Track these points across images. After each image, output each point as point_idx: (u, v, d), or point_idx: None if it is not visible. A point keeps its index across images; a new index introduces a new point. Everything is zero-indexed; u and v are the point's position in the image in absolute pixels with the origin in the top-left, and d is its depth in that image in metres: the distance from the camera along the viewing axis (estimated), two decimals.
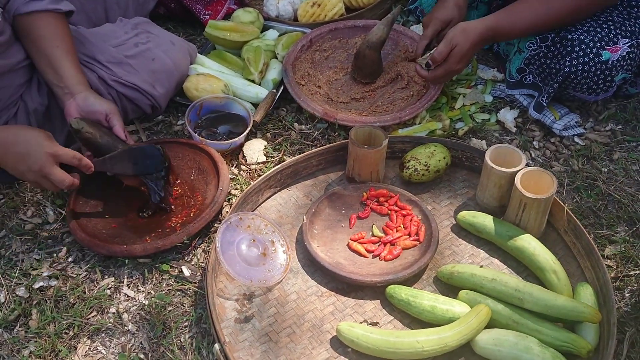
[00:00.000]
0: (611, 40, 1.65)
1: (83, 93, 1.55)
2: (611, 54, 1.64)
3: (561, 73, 1.67)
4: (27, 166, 1.40)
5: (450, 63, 1.69)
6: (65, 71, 1.56)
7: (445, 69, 1.70)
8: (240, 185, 1.66)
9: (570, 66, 1.65)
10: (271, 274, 1.42)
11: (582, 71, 1.65)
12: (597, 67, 1.64)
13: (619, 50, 1.64)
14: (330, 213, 1.55)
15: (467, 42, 1.66)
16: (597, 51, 1.64)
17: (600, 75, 1.66)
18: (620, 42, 1.65)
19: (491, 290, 1.33)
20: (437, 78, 1.74)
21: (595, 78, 1.66)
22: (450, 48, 1.67)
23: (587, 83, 1.68)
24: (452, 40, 1.66)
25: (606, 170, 1.68)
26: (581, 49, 1.64)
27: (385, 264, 1.45)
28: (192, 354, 1.32)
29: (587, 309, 1.26)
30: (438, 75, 1.72)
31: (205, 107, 1.77)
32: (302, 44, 1.99)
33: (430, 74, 1.73)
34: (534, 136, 1.79)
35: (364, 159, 1.57)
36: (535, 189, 1.43)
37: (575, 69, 1.65)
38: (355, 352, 1.30)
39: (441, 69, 1.71)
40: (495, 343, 1.25)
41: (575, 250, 1.46)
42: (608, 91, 1.72)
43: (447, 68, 1.70)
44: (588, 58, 1.64)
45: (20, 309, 1.40)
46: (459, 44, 1.66)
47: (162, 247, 1.46)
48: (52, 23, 1.57)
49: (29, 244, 1.54)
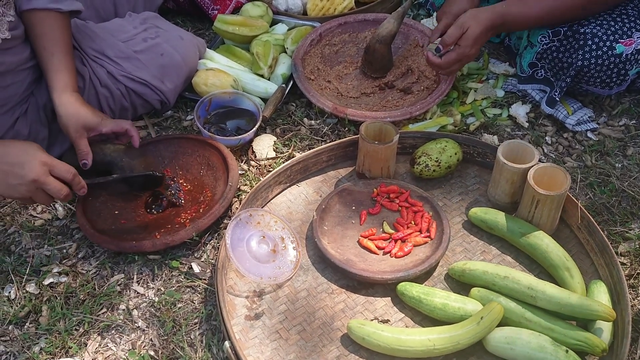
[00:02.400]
0: (625, 33, 1.62)
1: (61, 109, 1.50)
2: (625, 47, 1.61)
3: (574, 67, 1.65)
4: (19, 178, 1.30)
5: (463, 47, 1.65)
6: (47, 74, 1.53)
7: (458, 53, 1.66)
8: (249, 181, 1.65)
9: (583, 59, 1.63)
10: (281, 271, 1.41)
11: (596, 64, 1.63)
12: (611, 60, 1.62)
13: (633, 44, 1.62)
14: (340, 209, 1.54)
15: (479, 25, 1.63)
16: (610, 44, 1.61)
17: (614, 69, 1.64)
18: (634, 35, 1.62)
19: (503, 287, 1.32)
20: (450, 63, 1.69)
21: (608, 72, 1.64)
22: (461, 32, 1.64)
23: (600, 77, 1.65)
24: (464, 24, 1.63)
25: (620, 166, 1.66)
26: (594, 42, 1.62)
27: (396, 261, 1.44)
28: (202, 351, 1.31)
29: (601, 307, 1.24)
30: (451, 60, 1.68)
31: (214, 102, 1.76)
32: (311, 38, 1.97)
33: (443, 60, 1.68)
34: (547, 131, 1.77)
35: (375, 155, 1.56)
36: (548, 185, 1.41)
37: (588, 62, 1.63)
38: (366, 350, 1.29)
39: (454, 53, 1.66)
40: (507, 341, 1.24)
41: (589, 247, 1.44)
42: (622, 85, 1.70)
43: (460, 52, 1.66)
44: (601, 51, 1.61)
45: (31, 306, 1.40)
46: (471, 27, 1.63)
47: (171, 242, 1.45)
48: (49, 23, 1.54)
49: (38, 240, 1.54)
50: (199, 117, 1.72)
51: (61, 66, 1.53)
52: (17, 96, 1.58)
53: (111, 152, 1.55)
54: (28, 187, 1.32)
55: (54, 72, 1.53)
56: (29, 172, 1.30)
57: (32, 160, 1.31)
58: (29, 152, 1.32)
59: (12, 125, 1.59)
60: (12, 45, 1.52)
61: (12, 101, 1.58)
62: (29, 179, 1.30)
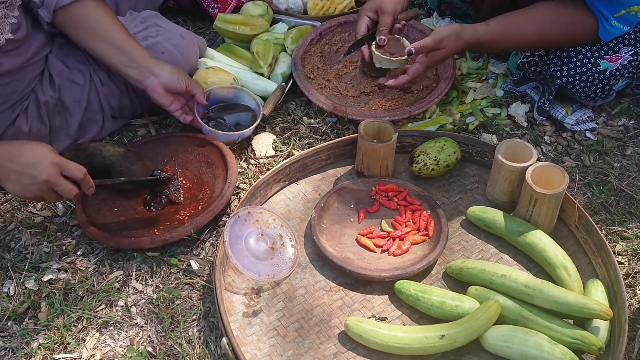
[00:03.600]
0: (611, 49, 1.62)
1: (163, 71, 1.60)
2: (610, 64, 1.61)
3: (556, 83, 1.66)
4: (32, 178, 1.33)
5: (432, 62, 1.60)
6: (136, 52, 1.59)
7: (426, 66, 1.61)
8: (248, 179, 1.65)
9: (568, 76, 1.63)
10: (279, 269, 1.42)
11: (580, 81, 1.63)
12: (595, 76, 1.62)
13: (619, 59, 1.61)
14: (339, 207, 1.55)
15: (456, 47, 1.59)
16: (595, 61, 1.61)
17: (599, 85, 1.64)
18: (621, 50, 1.62)
19: (501, 286, 1.32)
20: (416, 77, 1.63)
21: (593, 87, 1.65)
22: (437, 47, 1.58)
23: (584, 92, 1.66)
24: (443, 42, 1.57)
25: (618, 165, 1.66)
26: (579, 59, 1.62)
27: (394, 259, 1.44)
28: (200, 348, 1.32)
29: (598, 306, 1.24)
30: (419, 73, 1.62)
31: (213, 97, 1.77)
32: (311, 38, 1.98)
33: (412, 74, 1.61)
34: (545, 131, 1.77)
35: (373, 154, 1.56)
36: (546, 184, 1.41)
37: (572, 79, 1.63)
38: (363, 347, 1.29)
39: (421, 67, 1.61)
40: (504, 339, 1.24)
41: (587, 247, 1.44)
42: (607, 98, 1.71)
43: (428, 65, 1.61)
44: (585, 68, 1.61)
45: (30, 302, 1.40)
46: (448, 47, 1.58)
47: (169, 239, 1.46)
48: (100, 9, 1.60)
49: (38, 236, 1.54)
50: (198, 111, 1.72)
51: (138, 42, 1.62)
52: (18, 93, 1.59)
53: (110, 156, 1.55)
54: (40, 187, 1.34)
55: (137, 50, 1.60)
56: (41, 173, 1.33)
57: (44, 161, 1.33)
58: (40, 153, 1.35)
59: (12, 122, 1.59)
60: (14, 47, 1.53)
61: (13, 98, 1.58)
62: (41, 180, 1.33)
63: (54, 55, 1.67)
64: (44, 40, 1.63)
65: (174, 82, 1.61)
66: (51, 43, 1.67)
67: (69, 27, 1.59)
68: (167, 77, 1.60)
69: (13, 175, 1.34)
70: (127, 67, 1.59)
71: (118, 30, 1.60)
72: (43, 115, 1.64)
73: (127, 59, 1.58)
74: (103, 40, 1.58)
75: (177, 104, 1.66)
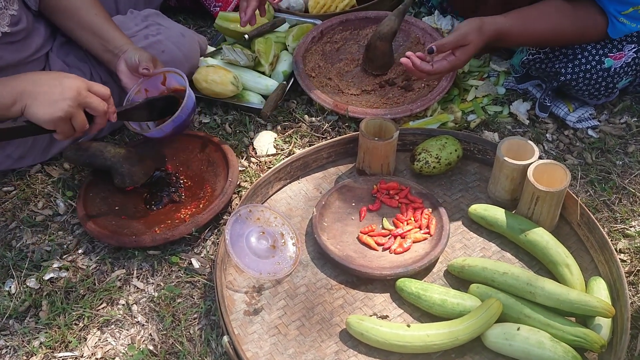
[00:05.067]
0: (615, 47, 1.61)
1: (126, 49, 1.56)
2: (614, 62, 1.60)
3: (559, 79, 1.65)
4: (60, 92, 1.30)
5: (459, 60, 1.57)
6: (111, 34, 1.58)
7: (452, 65, 1.57)
8: (250, 178, 1.65)
9: (572, 73, 1.63)
10: (280, 267, 1.42)
11: (584, 78, 1.63)
12: (599, 74, 1.61)
13: (623, 57, 1.61)
14: (340, 206, 1.54)
15: (481, 42, 1.56)
16: (599, 59, 1.60)
17: (602, 83, 1.63)
18: (625, 48, 1.61)
19: (502, 284, 1.32)
20: (440, 72, 1.58)
21: (596, 85, 1.64)
22: (461, 44, 1.55)
23: (588, 90, 1.65)
24: (468, 37, 1.54)
25: (621, 163, 1.66)
26: (584, 57, 1.61)
27: (395, 257, 1.44)
28: (201, 346, 1.31)
29: (600, 304, 1.24)
30: (444, 69, 1.57)
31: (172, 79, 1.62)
32: (312, 36, 1.98)
33: (435, 67, 1.57)
34: (547, 129, 1.76)
35: (375, 152, 1.56)
36: (548, 182, 1.41)
37: (577, 76, 1.62)
38: (364, 345, 1.29)
39: (448, 64, 1.57)
40: (506, 337, 1.23)
41: (589, 244, 1.44)
42: (610, 96, 1.71)
43: (454, 64, 1.57)
44: (590, 65, 1.61)
45: (31, 300, 1.40)
46: (473, 43, 1.54)
47: (170, 237, 1.46)
48: None
49: (39, 235, 1.54)
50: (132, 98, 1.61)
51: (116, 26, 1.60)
52: None
53: (111, 157, 1.55)
54: (70, 103, 1.31)
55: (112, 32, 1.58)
56: (70, 85, 1.32)
57: (70, 78, 1.34)
58: (62, 74, 1.36)
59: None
60: (14, 40, 1.52)
61: None
62: (71, 93, 1.31)
63: (55, 53, 1.67)
64: (45, 37, 1.63)
65: (128, 58, 1.55)
66: (52, 41, 1.67)
67: (54, 14, 1.58)
68: (128, 52, 1.56)
69: (40, 96, 1.31)
70: (102, 51, 1.57)
71: (97, 15, 1.58)
72: None
73: (103, 43, 1.57)
74: (84, 26, 1.58)
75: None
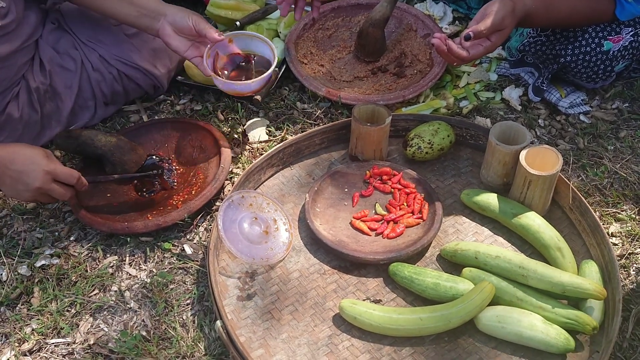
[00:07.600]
0: (614, 30, 1.61)
1: (169, 12, 1.52)
2: (613, 44, 1.60)
3: (560, 61, 1.65)
4: (24, 185, 1.37)
5: (494, 44, 1.51)
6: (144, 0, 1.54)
7: (487, 50, 1.51)
8: (242, 164, 1.65)
9: (572, 55, 1.62)
10: (273, 252, 1.41)
11: (583, 60, 1.62)
12: (598, 57, 1.61)
13: (621, 40, 1.61)
14: (333, 191, 1.54)
15: (514, 24, 1.51)
16: (599, 41, 1.60)
17: (601, 65, 1.63)
18: (623, 31, 1.61)
19: (495, 267, 1.32)
20: (474, 58, 1.53)
21: (595, 68, 1.64)
22: (498, 28, 1.48)
23: (586, 72, 1.65)
24: (504, 21, 1.47)
25: (612, 148, 1.66)
26: (584, 39, 1.61)
27: (388, 241, 1.44)
28: (194, 331, 1.31)
29: (592, 286, 1.24)
30: (479, 55, 1.52)
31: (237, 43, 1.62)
32: (304, 23, 1.97)
33: (472, 54, 1.50)
34: (540, 114, 1.76)
35: (367, 137, 1.55)
36: (540, 166, 1.41)
37: (576, 58, 1.62)
38: (357, 329, 1.29)
39: (484, 49, 1.51)
40: (498, 320, 1.24)
41: (581, 228, 1.44)
42: (607, 80, 1.71)
43: (489, 49, 1.51)
44: (590, 48, 1.60)
45: (22, 287, 1.39)
46: (509, 26, 1.49)
47: (163, 224, 1.45)
48: None
49: (30, 222, 1.53)
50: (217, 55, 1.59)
51: None
52: (8, 80, 1.57)
53: (102, 146, 1.54)
54: (33, 194, 1.39)
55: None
56: (34, 181, 1.37)
57: (36, 170, 1.37)
58: (34, 160, 1.38)
59: (3, 109, 1.58)
60: (3, 32, 1.51)
61: (3, 85, 1.56)
62: (34, 187, 1.38)
63: (44, 40, 1.65)
64: (35, 24, 1.61)
65: (179, 20, 1.51)
66: (41, 27, 1.66)
67: None
68: (173, 15, 1.52)
69: (7, 180, 1.38)
70: (138, 17, 1.54)
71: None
72: (34, 102, 1.62)
73: (137, 10, 1.53)
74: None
75: (194, 51, 1.54)
